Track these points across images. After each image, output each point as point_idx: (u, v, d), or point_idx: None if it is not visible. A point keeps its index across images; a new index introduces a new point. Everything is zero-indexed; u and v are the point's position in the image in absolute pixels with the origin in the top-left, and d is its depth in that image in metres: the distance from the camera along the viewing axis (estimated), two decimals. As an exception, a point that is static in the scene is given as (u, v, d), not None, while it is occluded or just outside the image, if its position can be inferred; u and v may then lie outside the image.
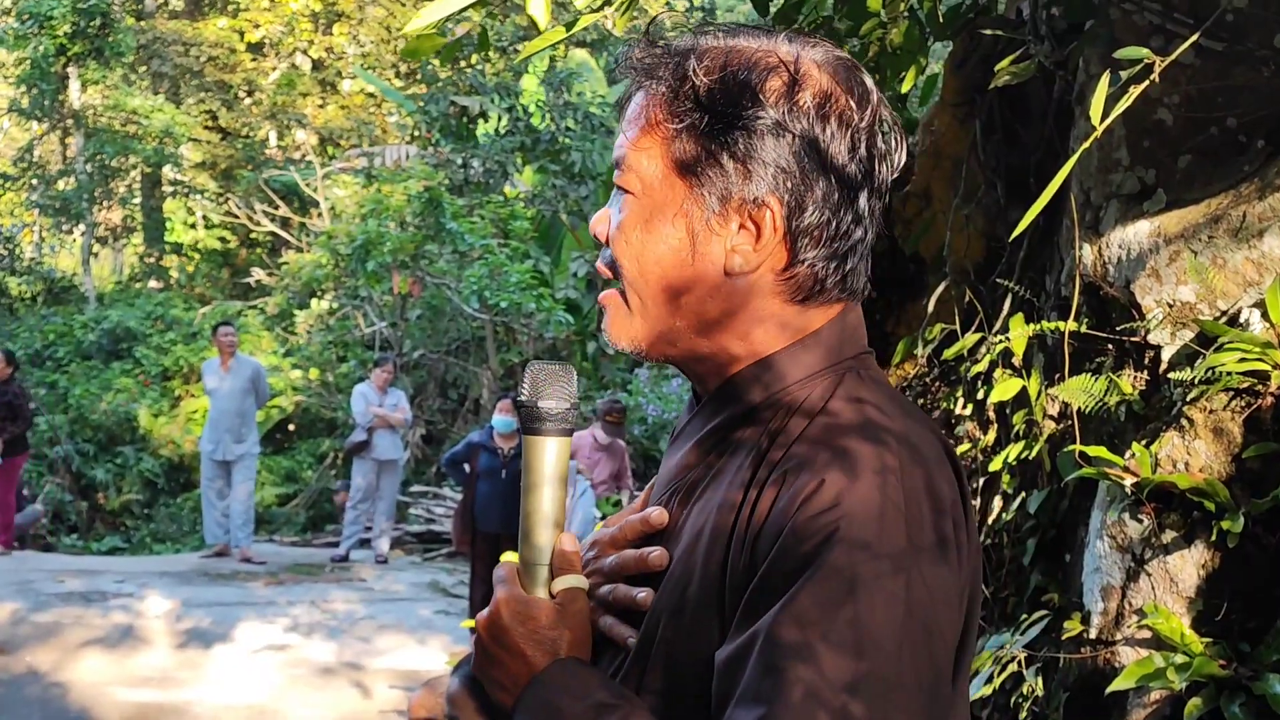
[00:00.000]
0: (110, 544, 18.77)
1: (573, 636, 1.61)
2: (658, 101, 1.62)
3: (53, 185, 24.60)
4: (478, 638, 1.64)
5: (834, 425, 1.55)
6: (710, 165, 1.59)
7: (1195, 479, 2.95)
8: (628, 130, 1.65)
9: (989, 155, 4.14)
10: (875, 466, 1.48)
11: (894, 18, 3.89)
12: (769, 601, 1.42)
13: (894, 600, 1.41)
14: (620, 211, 1.65)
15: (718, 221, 1.60)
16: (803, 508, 1.45)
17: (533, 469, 1.67)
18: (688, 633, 1.54)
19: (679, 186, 1.61)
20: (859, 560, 1.41)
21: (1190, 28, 3.15)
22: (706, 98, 1.59)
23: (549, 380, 1.67)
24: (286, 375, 20.78)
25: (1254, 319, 3.04)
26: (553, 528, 1.67)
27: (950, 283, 4.22)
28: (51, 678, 10.11)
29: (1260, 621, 2.91)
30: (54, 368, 21.36)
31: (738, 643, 1.44)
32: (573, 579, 1.64)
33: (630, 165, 1.63)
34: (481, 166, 19.44)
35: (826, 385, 1.62)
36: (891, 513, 1.45)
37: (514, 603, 1.62)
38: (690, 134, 1.60)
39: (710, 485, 1.63)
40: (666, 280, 1.63)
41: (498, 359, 19.52)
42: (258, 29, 28.69)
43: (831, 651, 1.38)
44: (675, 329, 1.65)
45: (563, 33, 3.25)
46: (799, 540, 1.43)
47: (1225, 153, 3.30)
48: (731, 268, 1.61)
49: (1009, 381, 3.74)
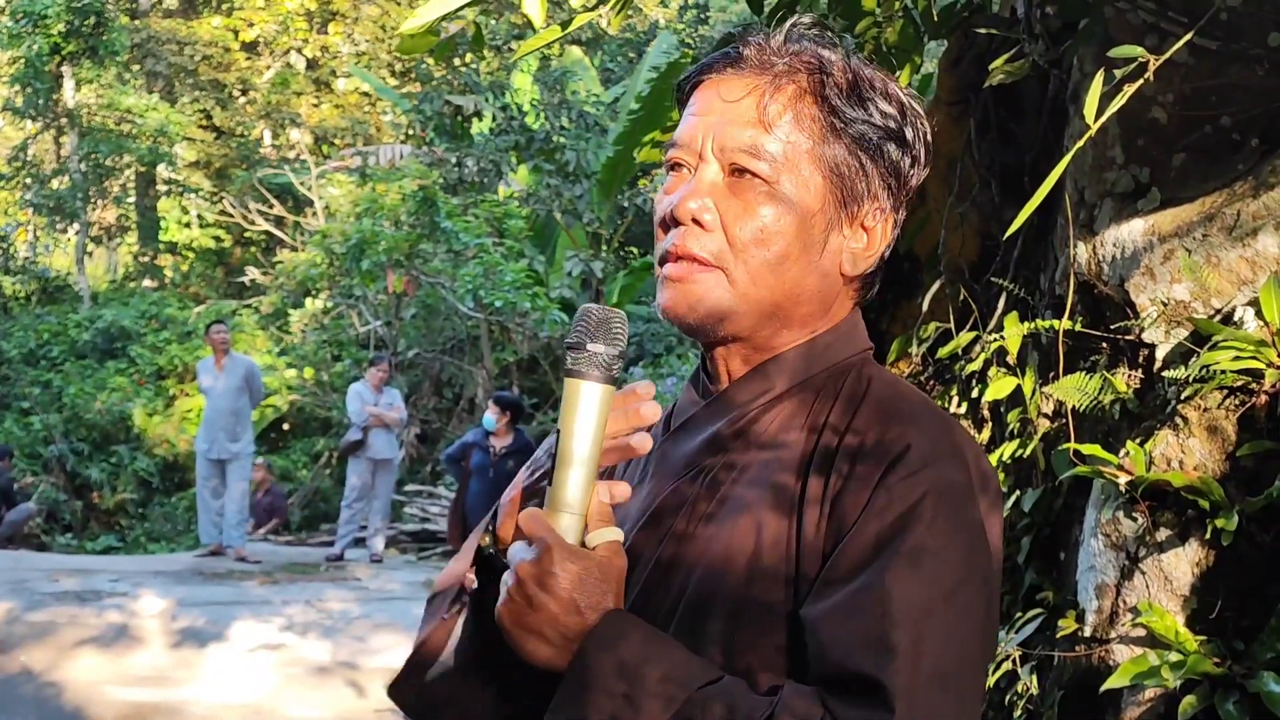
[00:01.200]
0: (105, 543, 18.76)
1: (617, 591, 1.60)
2: (808, 100, 1.69)
3: (47, 184, 24.54)
4: (518, 586, 1.57)
5: (891, 398, 1.66)
6: (857, 171, 1.69)
7: (1190, 477, 2.96)
8: (769, 119, 1.67)
9: (984, 154, 4.14)
10: (947, 433, 1.61)
11: (889, 16, 3.89)
12: (866, 560, 1.52)
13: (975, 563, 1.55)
14: (742, 197, 1.67)
15: (846, 222, 1.71)
16: (889, 473, 1.55)
17: (572, 414, 1.62)
18: (753, 599, 1.58)
19: (819, 184, 1.68)
20: (946, 523, 1.53)
21: (1184, 26, 3.16)
22: (853, 102, 1.68)
23: (600, 324, 1.64)
24: (281, 374, 20.79)
25: (1248, 317, 3.04)
26: (589, 477, 1.62)
27: (945, 281, 4.22)
28: (46, 677, 10.10)
29: (1254, 619, 2.91)
30: (48, 367, 21.34)
31: (838, 598, 1.51)
32: (612, 531, 1.62)
33: (772, 155, 1.66)
34: (476, 165, 19.42)
35: (863, 371, 1.73)
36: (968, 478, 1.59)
37: (564, 551, 1.57)
38: (840, 135, 1.68)
39: (743, 470, 1.68)
40: (791, 271, 1.68)
41: (492, 358, 19.52)
42: (252, 28, 28.71)
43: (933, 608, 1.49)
44: (768, 312, 1.70)
45: (558, 31, 3.25)
46: (890, 502, 1.54)
47: (1219, 151, 3.30)
48: (845, 269, 1.73)
49: (1003, 380, 3.74)
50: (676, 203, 1.68)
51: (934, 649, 1.47)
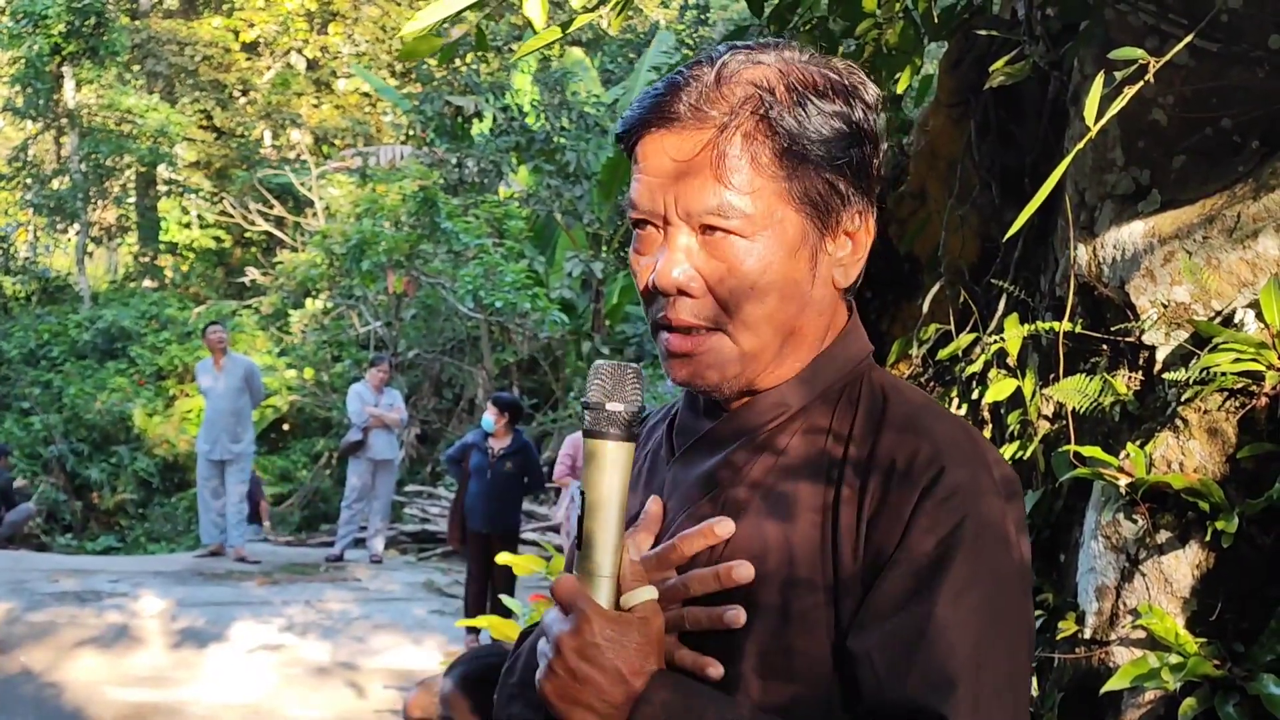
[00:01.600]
0: (105, 543, 18.77)
1: (658, 652, 1.57)
2: (759, 141, 1.60)
3: (47, 185, 24.56)
4: (560, 660, 1.55)
5: (912, 412, 1.63)
6: (830, 192, 1.63)
7: (1190, 479, 2.95)
8: (727, 175, 1.60)
9: (984, 155, 4.14)
10: (974, 449, 1.59)
11: (889, 18, 3.89)
12: (913, 588, 1.50)
13: (1015, 583, 1.56)
14: (720, 255, 1.61)
15: (829, 240, 1.66)
16: (928, 495, 1.53)
17: (596, 475, 1.59)
18: (790, 629, 1.55)
19: (795, 220, 1.63)
20: (988, 546, 1.53)
21: (1185, 28, 3.15)
22: (803, 122, 1.61)
23: (617, 381, 1.61)
24: (281, 375, 20.79)
25: (1248, 319, 3.04)
26: (617, 537, 1.59)
27: (945, 283, 4.22)
28: (46, 677, 10.10)
29: (1254, 622, 2.91)
30: (48, 367, 21.34)
31: (892, 628, 1.50)
32: (647, 591, 1.59)
33: (737, 210, 1.59)
34: (476, 166, 19.43)
35: (868, 382, 1.70)
36: (1001, 497, 1.57)
37: (605, 619, 1.54)
38: (801, 165, 1.61)
39: (767, 489, 1.64)
40: (788, 311, 1.64)
41: (493, 359, 19.52)
42: (252, 28, 28.71)
43: (987, 635, 1.50)
44: (779, 354, 1.67)
45: (558, 32, 3.25)
46: (932, 526, 1.52)
47: (1220, 153, 3.30)
48: (839, 282, 1.69)
49: (1004, 382, 3.74)
50: (658, 274, 1.63)
51: (990, 675, 1.48)
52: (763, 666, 1.56)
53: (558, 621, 1.57)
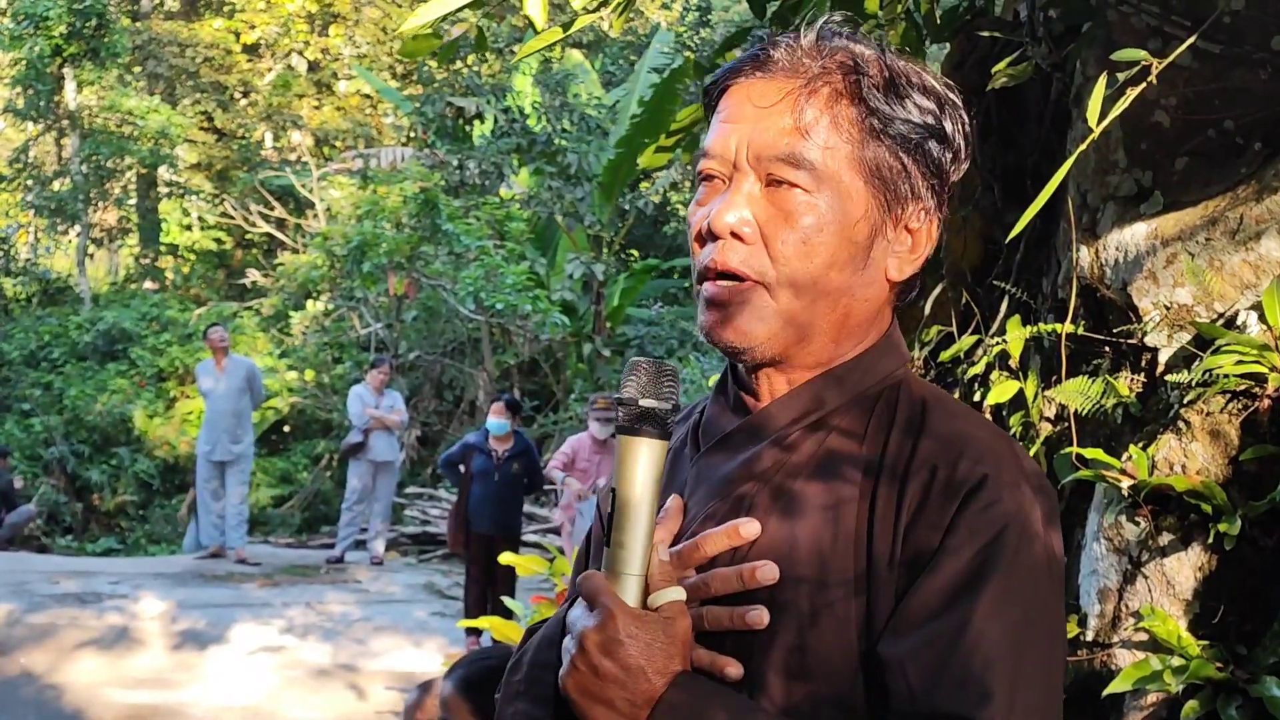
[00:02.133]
0: (105, 545, 18.77)
1: (684, 653, 1.55)
2: (845, 103, 1.61)
3: (48, 186, 24.56)
4: (583, 655, 1.53)
5: (952, 420, 1.61)
6: (899, 174, 1.62)
7: (1192, 481, 2.95)
8: (804, 125, 1.60)
9: (986, 157, 4.14)
10: (1014, 459, 1.57)
11: (891, 19, 3.89)
12: (950, 595, 1.48)
13: (1054, 591, 1.55)
14: (782, 208, 1.60)
15: (890, 226, 1.64)
16: (969, 503, 1.51)
17: (628, 472, 1.57)
18: (820, 632, 1.53)
19: (862, 190, 1.61)
20: (1028, 555, 1.51)
21: (1188, 30, 3.15)
22: (890, 102, 1.61)
23: (654, 378, 1.59)
24: (282, 377, 20.79)
25: (1251, 321, 3.03)
26: (647, 536, 1.57)
27: (947, 284, 4.22)
28: (46, 679, 10.10)
29: (1257, 624, 2.90)
30: (49, 369, 21.34)
31: (928, 635, 1.48)
32: (675, 592, 1.57)
33: (811, 163, 1.59)
34: (477, 168, 19.44)
35: (910, 384, 1.68)
36: (1042, 507, 1.55)
37: (630, 617, 1.53)
38: (879, 138, 1.61)
39: (800, 489, 1.61)
40: (838, 282, 1.62)
41: (493, 360, 19.53)
42: (253, 30, 28.70)
43: (1027, 645, 1.48)
44: (817, 328, 1.64)
45: (559, 33, 3.25)
46: (971, 534, 1.50)
47: (1222, 155, 3.30)
48: (892, 274, 1.66)
49: (1006, 383, 3.73)
50: (714, 215, 1.61)
51: (1027, 686, 1.46)
52: (786, 666, 1.54)
53: (583, 617, 1.55)
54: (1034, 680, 1.47)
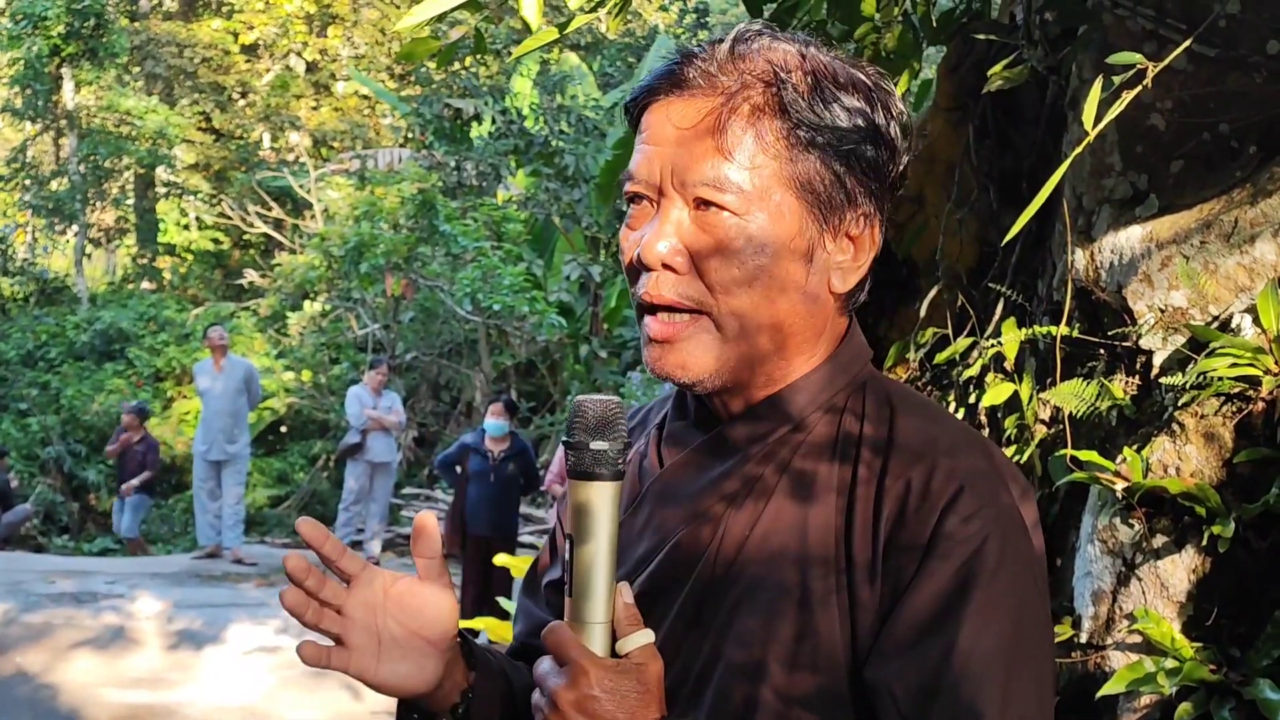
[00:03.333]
0: (101, 545, 18.74)
1: (659, 697, 1.50)
2: (768, 117, 1.54)
3: (46, 186, 24.58)
4: (556, 712, 1.47)
5: (921, 425, 1.57)
6: (832, 183, 1.56)
7: (1186, 484, 2.95)
8: (728, 146, 1.53)
9: (982, 159, 4.14)
10: (990, 469, 1.53)
11: (888, 22, 3.89)
12: (936, 614, 1.45)
13: (1040, 603, 1.52)
14: (712, 232, 1.54)
15: (829, 237, 1.58)
16: (948, 515, 1.47)
17: (585, 517, 1.52)
18: (808, 657, 1.50)
19: (794, 207, 1.55)
20: (1011, 569, 1.48)
21: (1183, 33, 3.16)
22: (816, 109, 1.54)
23: (600, 420, 1.53)
24: (279, 377, 20.79)
25: (1245, 324, 3.04)
26: (608, 581, 1.52)
27: (943, 287, 4.22)
28: (42, 679, 10.09)
29: (1250, 626, 2.91)
30: (46, 368, 21.34)
31: (916, 657, 1.45)
32: (643, 635, 1.52)
33: (733, 184, 1.52)
34: (475, 169, 19.46)
35: (871, 391, 1.64)
36: (1018, 513, 1.52)
37: (603, 670, 1.48)
38: (808, 150, 1.54)
39: (774, 501, 1.58)
40: (778, 302, 1.56)
41: (490, 361, 19.53)
42: (252, 31, 28.72)
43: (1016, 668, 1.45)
44: (764, 351, 1.59)
45: (555, 33, 3.25)
46: (951, 548, 1.46)
47: (1217, 158, 3.30)
48: (835, 286, 1.61)
49: (1001, 386, 3.73)
50: (643, 246, 1.56)
51: (1019, 698, 1.44)
52: (786, 658, 1.51)
53: (553, 674, 1.50)
54: (1025, 692, 1.45)
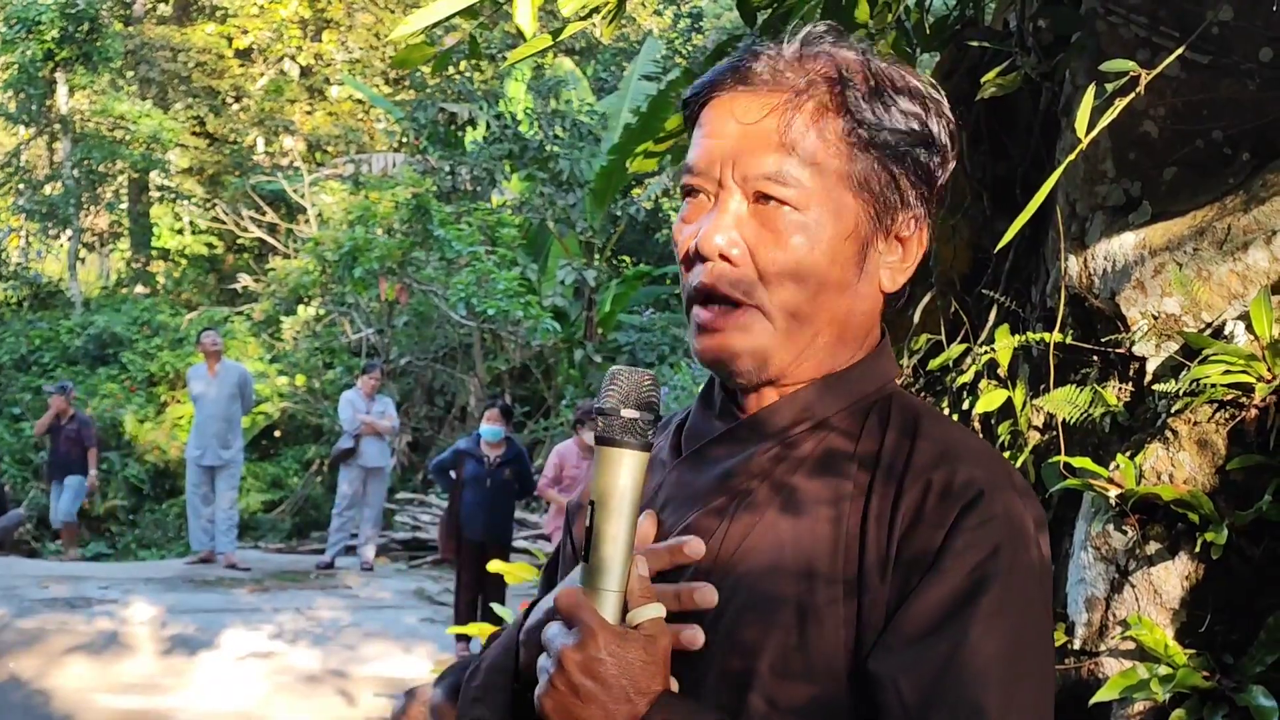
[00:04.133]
0: (95, 550, 18.72)
1: (665, 672, 1.50)
2: (830, 115, 1.58)
3: (39, 190, 24.53)
4: (562, 674, 1.47)
5: (951, 441, 1.57)
6: (888, 184, 1.59)
7: (1179, 491, 2.96)
8: (790, 140, 1.56)
9: (975, 166, 4.15)
10: (1008, 477, 1.55)
11: (881, 29, 3.90)
12: (946, 612, 1.46)
13: (1045, 609, 1.54)
14: (771, 226, 1.56)
15: (881, 237, 1.61)
16: (963, 519, 1.48)
17: (606, 484, 1.52)
18: (807, 646, 1.49)
19: (851, 205, 1.58)
20: (1022, 574, 1.49)
21: (1176, 40, 3.16)
22: (875, 111, 1.58)
23: (634, 388, 1.53)
24: (273, 382, 20.77)
25: (1238, 331, 3.04)
26: (626, 551, 1.51)
27: (936, 293, 4.22)
28: (35, 684, 10.08)
29: (1243, 633, 2.91)
30: (40, 373, 21.30)
31: (922, 653, 1.45)
32: (655, 608, 1.51)
33: (794, 179, 1.55)
34: (469, 174, 19.44)
35: (897, 403, 1.64)
36: (1034, 523, 1.54)
37: (610, 635, 1.47)
38: (865, 150, 1.58)
39: (785, 500, 1.58)
40: (832, 299, 1.59)
41: (485, 366, 19.52)
42: (246, 35, 28.68)
43: (1018, 667, 1.47)
44: (813, 347, 1.61)
45: (549, 40, 3.26)
46: (963, 551, 1.47)
47: (1211, 165, 3.30)
48: (885, 285, 1.64)
49: (994, 392, 3.74)
50: (701, 237, 1.58)
51: (1021, 703, 1.46)
52: (780, 664, 1.50)
53: (561, 635, 1.49)
54: (1027, 696, 1.47)
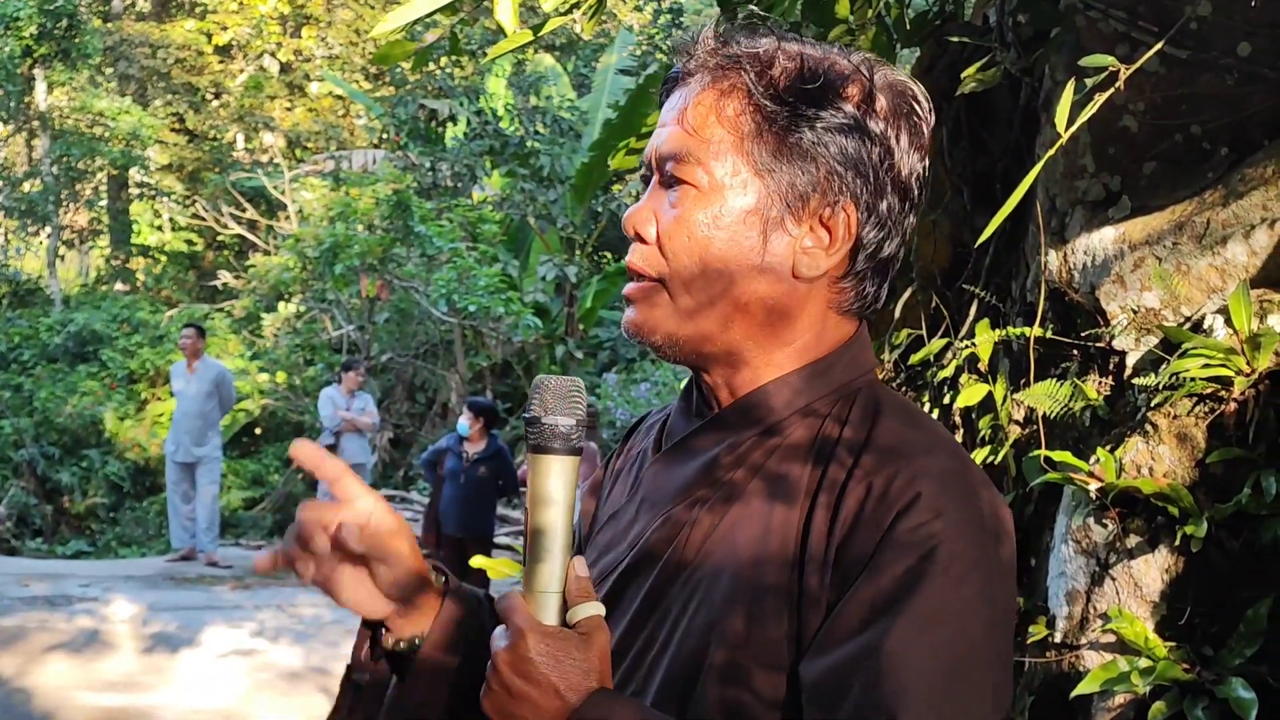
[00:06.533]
0: (75, 548, 18.67)
1: (601, 668, 1.51)
2: (734, 96, 1.60)
3: (18, 187, 24.45)
4: (496, 675, 1.50)
5: (902, 440, 1.55)
6: (790, 163, 1.58)
7: (1159, 484, 2.97)
8: (691, 123, 1.61)
9: (956, 161, 4.15)
10: (958, 480, 1.51)
11: (862, 24, 3.90)
12: (873, 614, 1.44)
13: (987, 611, 1.47)
14: (676, 206, 1.61)
15: (791, 221, 1.60)
16: (900, 520, 1.46)
17: (540, 489, 1.57)
18: (751, 647, 1.50)
19: (754, 183, 1.59)
20: (957, 574, 1.45)
21: (1155, 35, 3.17)
22: (790, 95, 1.58)
23: (561, 396, 1.57)
24: (253, 379, 20.73)
25: (1217, 325, 3.05)
26: (563, 552, 1.55)
27: (917, 288, 4.23)
28: (15, 683, 10.04)
29: (1223, 625, 2.92)
30: (19, 371, 21.24)
31: (840, 653, 1.43)
32: (592, 607, 1.54)
33: (697, 158, 1.59)
34: (450, 170, 19.43)
35: (861, 400, 1.63)
36: (979, 524, 1.49)
37: (540, 635, 1.49)
38: (772, 130, 1.58)
39: (747, 497, 1.60)
40: (729, 277, 1.60)
41: (466, 363, 19.50)
42: (225, 31, 28.63)
43: (944, 665, 1.42)
44: (721, 328, 1.62)
45: (530, 35, 3.26)
46: (900, 553, 1.45)
47: (1189, 160, 3.32)
48: (799, 270, 1.61)
49: (975, 387, 3.75)
50: (624, 218, 1.66)
51: (954, 712, 1.41)
52: (727, 660, 1.52)
53: (499, 637, 1.52)
54: (966, 700, 1.42)
